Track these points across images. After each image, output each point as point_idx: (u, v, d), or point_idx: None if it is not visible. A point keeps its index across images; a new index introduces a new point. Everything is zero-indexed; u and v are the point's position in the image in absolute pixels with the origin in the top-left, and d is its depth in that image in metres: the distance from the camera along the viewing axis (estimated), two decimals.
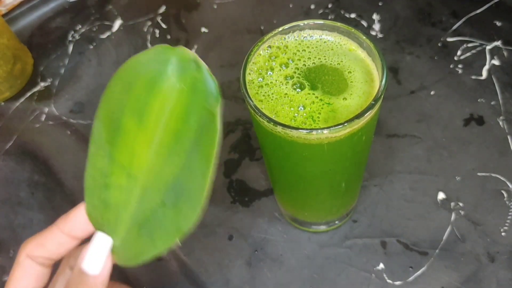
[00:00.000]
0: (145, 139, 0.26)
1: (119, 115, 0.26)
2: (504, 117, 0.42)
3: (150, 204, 0.26)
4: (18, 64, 0.48)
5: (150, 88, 0.26)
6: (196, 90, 0.26)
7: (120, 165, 0.27)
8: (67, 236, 0.27)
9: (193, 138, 0.25)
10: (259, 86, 0.28)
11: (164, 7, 0.55)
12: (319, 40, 0.30)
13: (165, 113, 0.26)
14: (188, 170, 0.26)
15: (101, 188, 0.27)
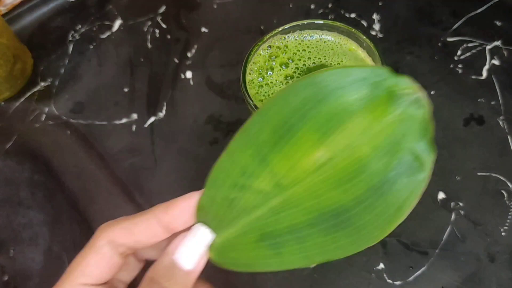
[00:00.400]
0: (319, 157, 0.23)
1: (298, 122, 0.23)
2: (504, 117, 0.42)
3: (291, 220, 0.24)
4: (18, 64, 0.48)
5: (353, 109, 0.23)
6: (407, 129, 0.22)
7: (272, 172, 0.24)
8: (163, 229, 0.25)
9: (384, 178, 0.22)
10: (259, 86, 0.28)
11: (164, 7, 0.55)
12: (319, 40, 0.30)
13: (359, 140, 0.23)
14: (365, 207, 0.23)
15: (234, 186, 0.24)
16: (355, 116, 0.23)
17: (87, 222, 0.41)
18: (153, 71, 0.50)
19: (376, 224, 0.23)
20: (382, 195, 0.22)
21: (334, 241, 0.23)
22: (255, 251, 0.25)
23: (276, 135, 0.24)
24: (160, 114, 0.47)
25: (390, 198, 0.22)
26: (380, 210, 0.23)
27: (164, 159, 0.44)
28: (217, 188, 0.25)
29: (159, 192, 0.42)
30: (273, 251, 0.24)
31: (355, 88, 0.23)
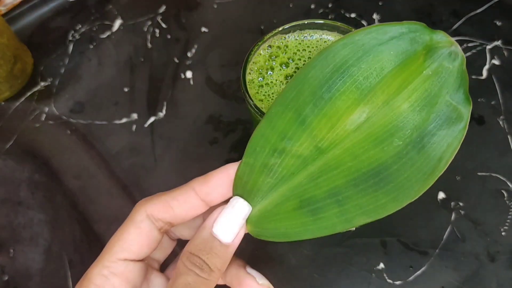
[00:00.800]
0: (358, 116, 0.23)
1: (338, 81, 0.23)
2: (504, 116, 0.42)
3: (330, 183, 0.24)
4: (18, 64, 0.48)
5: (391, 65, 0.23)
6: (444, 82, 0.23)
7: (312, 134, 0.24)
8: (201, 201, 0.25)
9: (423, 131, 0.23)
10: (260, 86, 0.28)
11: (164, 6, 0.55)
12: (320, 39, 0.30)
13: (397, 95, 0.23)
14: (405, 162, 0.23)
15: (272, 151, 0.24)
16: (393, 72, 0.23)
17: (87, 221, 0.41)
18: (153, 71, 0.50)
19: (416, 178, 0.23)
20: (422, 148, 0.23)
21: (375, 200, 0.23)
22: (295, 219, 0.24)
23: (316, 96, 0.24)
24: (160, 114, 0.47)
25: (430, 150, 0.23)
26: (420, 163, 0.23)
27: (164, 159, 0.44)
28: (256, 155, 0.24)
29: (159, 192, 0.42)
30: (313, 217, 0.24)
31: (393, 44, 0.23)
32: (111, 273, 0.24)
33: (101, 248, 0.27)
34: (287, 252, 0.37)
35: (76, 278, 0.38)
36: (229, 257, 0.24)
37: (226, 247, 0.24)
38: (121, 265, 0.24)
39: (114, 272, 0.24)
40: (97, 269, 0.24)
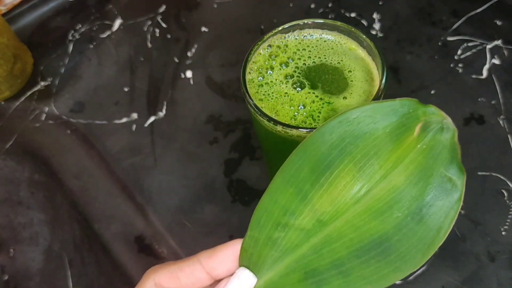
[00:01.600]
0: (358, 190, 0.24)
1: (337, 158, 0.25)
2: (505, 116, 0.42)
3: (333, 255, 0.24)
4: (18, 64, 0.48)
5: (387, 141, 0.24)
6: (438, 154, 0.24)
7: (313, 208, 0.25)
8: (207, 274, 0.26)
9: (421, 203, 0.24)
10: (259, 85, 0.28)
11: (164, 6, 0.55)
12: (319, 39, 0.30)
13: (394, 169, 0.24)
14: (405, 233, 0.24)
15: (276, 225, 0.25)
16: (389, 148, 0.24)
17: (87, 221, 0.41)
18: (153, 70, 0.50)
19: (417, 249, 0.23)
20: (421, 219, 0.23)
21: (378, 271, 0.24)
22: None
23: (315, 172, 0.25)
24: (160, 113, 0.47)
25: (429, 221, 0.23)
26: (420, 234, 0.23)
27: (164, 158, 0.44)
28: (260, 229, 0.25)
29: (159, 192, 0.42)
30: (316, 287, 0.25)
31: (387, 121, 0.24)
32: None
33: (101, 247, 0.28)
34: None
35: (76, 277, 0.38)
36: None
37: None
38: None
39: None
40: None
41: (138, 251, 0.39)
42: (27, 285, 0.38)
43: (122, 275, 0.38)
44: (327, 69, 0.28)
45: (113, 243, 0.40)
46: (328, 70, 0.28)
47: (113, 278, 0.38)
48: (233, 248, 0.26)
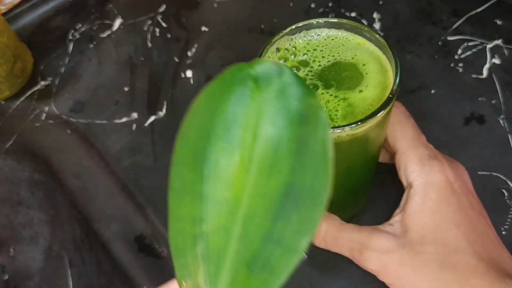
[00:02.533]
0: (240, 160, 0.24)
1: (204, 149, 0.24)
2: (505, 116, 0.42)
3: (258, 233, 0.24)
4: (18, 63, 0.48)
5: (233, 108, 0.24)
6: (283, 94, 0.24)
7: (216, 201, 0.24)
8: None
9: (298, 139, 0.24)
10: None
11: (164, 6, 0.55)
12: (327, 37, 0.30)
13: (259, 125, 0.24)
14: (300, 172, 0.24)
15: (194, 239, 0.24)
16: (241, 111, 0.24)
17: (87, 221, 0.41)
18: (153, 70, 0.50)
19: (317, 175, 0.23)
20: (307, 151, 0.23)
21: (301, 219, 0.23)
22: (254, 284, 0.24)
23: (196, 168, 0.24)
24: (160, 113, 0.47)
25: (313, 148, 0.23)
26: (312, 161, 0.23)
27: (164, 158, 0.44)
28: (182, 255, 0.24)
29: (159, 191, 0.42)
30: (265, 271, 0.24)
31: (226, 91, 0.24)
32: None
33: (101, 247, 0.28)
34: None
35: (76, 277, 0.38)
36: None
37: None
38: None
39: None
40: None
41: (138, 250, 0.39)
42: (27, 284, 0.38)
43: (122, 275, 0.38)
44: (343, 65, 0.28)
45: (113, 242, 0.40)
46: (343, 67, 0.28)
47: (113, 277, 0.38)
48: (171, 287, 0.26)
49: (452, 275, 0.26)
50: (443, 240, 0.27)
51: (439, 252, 0.27)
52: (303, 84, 0.24)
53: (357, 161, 0.29)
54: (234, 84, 0.24)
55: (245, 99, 0.24)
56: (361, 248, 0.28)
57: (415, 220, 0.28)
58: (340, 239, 0.30)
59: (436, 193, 0.28)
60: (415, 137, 0.31)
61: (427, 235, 0.27)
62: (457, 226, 0.27)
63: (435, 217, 0.27)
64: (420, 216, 0.28)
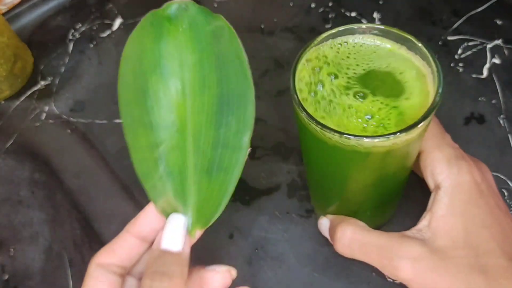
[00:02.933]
0: (175, 87, 0.28)
1: (143, 85, 0.28)
2: (505, 115, 0.42)
3: (207, 143, 0.28)
4: (18, 63, 0.48)
5: (158, 46, 0.29)
6: (194, 24, 0.29)
7: (165, 126, 0.28)
8: (136, 238, 0.28)
9: (215, 54, 0.28)
10: (316, 102, 0.26)
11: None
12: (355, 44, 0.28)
13: (179, 58, 0.29)
14: (225, 83, 0.28)
15: (155, 163, 0.28)
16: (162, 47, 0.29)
17: (88, 220, 0.41)
18: None
19: (239, 77, 0.28)
20: (224, 63, 0.28)
21: (238, 120, 0.28)
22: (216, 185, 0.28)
23: (142, 107, 0.28)
24: None
25: (228, 58, 0.28)
26: (232, 68, 0.28)
27: None
28: (149, 178, 0.29)
29: None
30: (223, 172, 0.28)
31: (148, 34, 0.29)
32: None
33: (101, 246, 0.28)
34: (287, 251, 0.37)
35: (77, 277, 0.38)
36: (185, 263, 0.27)
37: (179, 255, 0.26)
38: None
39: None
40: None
41: None
42: (27, 284, 0.38)
43: None
44: (379, 74, 0.27)
45: None
46: (380, 76, 0.27)
47: None
48: (148, 209, 0.28)
49: (483, 278, 0.25)
50: (473, 243, 0.26)
51: (470, 255, 0.26)
52: (207, 12, 0.29)
53: (396, 170, 0.29)
54: (153, 27, 0.29)
55: (164, 37, 0.29)
56: (391, 256, 0.27)
57: (444, 223, 0.27)
58: (368, 246, 0.29)
59: (464, 194, 0.28)
60: (440, 137, 0.30)
61: (457, 239, 0.27)
62: (486, 228, 0.27)
63: (464, 220, 0.27)
64: (449, 218, 0.27)
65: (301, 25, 0.51)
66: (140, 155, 0.29)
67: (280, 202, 0.40)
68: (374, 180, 0.29)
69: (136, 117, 0.29)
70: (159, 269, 0.26)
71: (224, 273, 0.28)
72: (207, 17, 0.29)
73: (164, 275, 0.25)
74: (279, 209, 0.39)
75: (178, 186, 0.28)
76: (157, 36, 0.29)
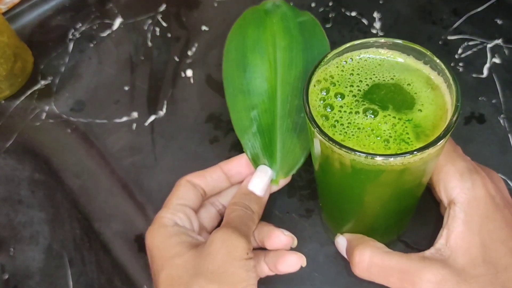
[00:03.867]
0: (269, 63, 0.37)
1: (243, 60, 0.37)
2: (505, 115, 0.42)
3: (292, 109, 0.35)
4: (18, 62, 0.48)
5: (256, 31, 0.38)
6: (284, 17, 0.39)
7: (259, 93, 0.36)
8: (225, 175, 0.34)
9: (301, 40, 0.38)
10: (331, 126, 0.26)
11: (164, 5, 0.55)
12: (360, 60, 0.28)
13: (273, 41, 0.38)
14: (309, 64, 0.36)
15: (250, 121, 0.36)
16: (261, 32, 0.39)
17: (88, 220, 0.41)
18: (153, 69, 0.50)
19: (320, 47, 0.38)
20: (312, 48, 0.38)
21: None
22: (297, 141, 0.35)
23: (241, 75, 0.37)
24: (161, 112, 0.47)
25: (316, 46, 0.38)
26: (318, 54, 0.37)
27: (165, 157, 0.44)
28: (245, 134, 0.36)
29: (159, 190, 0.42)
30: (302, 131, 0.35)
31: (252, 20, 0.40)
32: (175, 211, 0.32)
33: (102, 246, 0.28)
34: None
35: (76, 276, 0.38)
36: (262, 205, 0.34)
37: (260, 198, 0.33)
38: (180, 208, 0.32)
39: (176, 210, 0.32)
40: (163, 213, 0.32)
41: (138, 250, 0.39)
42: (27, 284, 0.38)
43: (122, 274, 0.38)
44: (385, 87, 0.27)
45: (113, 242, 0.40)
46: (386, 88, 0.27)
47: (113, 277, 0.38)
48: (243, 157, 0.35)
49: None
50: (492, 259, 0.26)
51: (490, 272, 0.26)
52: (295, 9, 0.39)
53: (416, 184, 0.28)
54: (253, 18, 0.39)
55: (261, 24, 0.39)
56: (413, 280, 0.27)
57: (462, 241, 0.27)
58: (388, 270, 0.28)
59: (480, 209, 0.27)
60: (451, 150, 0.30)
61: (476, 256, 0.27)
62: (503, 242, 0.27)
63: (482, 235, 0.27)
64: (467, 235, 0.27)
65: None
66: (238, 115, 0.36)
67: (280, 202, 0.40)
68: (393, 195, 0.28)
69: (236, 85, 0.37)
70: (244, 202, 0.32)
71: (288, 237, 0.33)
72: (295, 13, 0.39)
73: (246, 208, 0.32)
74: (279, 208, 0.39)
75: (267, 142, 0.35)
76: (256, 25, 0.38)
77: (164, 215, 0.32)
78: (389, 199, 0.29)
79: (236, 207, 0.32)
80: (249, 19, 0.39)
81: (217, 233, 0.29)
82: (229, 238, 0.29)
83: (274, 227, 0.33)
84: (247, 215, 0.32)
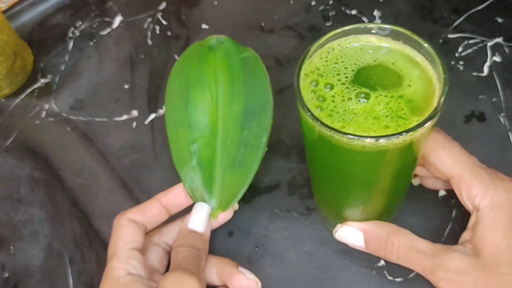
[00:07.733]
0: (211, 97, 0.37)
1: (185, 94, 0.37)
2: (505, 113, 0.42)
3: (233, 143, 0.36)
4: (18, 61, 0.48)
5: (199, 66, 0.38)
6: (228, 53, 0.39)
7: (200, 127, 0.36)
8: (163, 208, 0.34)
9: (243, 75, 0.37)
10: (328, 116, 0.26)
11: (164, 3, 0.55)
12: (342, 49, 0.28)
13: (215, 76, 0.38)
14: (250, 97, 0.37)
15: (190, 155, 0.36)
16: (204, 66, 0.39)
17: (88, 218, 0.41)
18: (153, 67, 0.50)
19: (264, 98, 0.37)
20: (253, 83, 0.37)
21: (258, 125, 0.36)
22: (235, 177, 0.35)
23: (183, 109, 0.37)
24: (161, 111, 0.47)
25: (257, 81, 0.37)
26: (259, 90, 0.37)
27: (164, 155, 0.44)
28: (183, 166, 0.36)
29: (159, 189, 0.41)
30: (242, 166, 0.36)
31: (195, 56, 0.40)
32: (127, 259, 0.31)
33: (102, 245, 0.28)
34: (287, 249, 0.37)
35: (77, 274, 0.38)
36: (206, 241, 0.34)
37: (202, 235, 0.33)
38: (131, 254, 0.31)
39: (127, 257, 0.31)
40: (115, 263, 0.31)
41: None
42: (28, 282, 0.38)
43: None
44: (371, 70, 0.27)
45: None
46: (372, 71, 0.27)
47: None
48: (179, 187, 0.35)
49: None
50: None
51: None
52: (238, 45, 0.39)
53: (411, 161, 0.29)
54: (197, 52, 0.39)
55: (205, 59, 0.39)
56: (434, 267, 0.29)
57: (487, 242, 0.28)
58: (413, 255, 0.30)
59: (504, 213, 0.28)
60: (468, 161, 0.31)
61: (500, 256, 0.27)
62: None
63: (507, 238, 0.28)
64: (492, 237, 0.28)
65: (302, 23, 0.51)
66: (178, 147, 0.36)
67: (280, 200, 0.40)
68: (391, 173, 0.29)
69: (178, 117, 0.37)
70: (188, 242, 0.32)
71: (251, 281, 0.33)
72: (239, 48, 0.39)
73: (191, 247, 0.32)
74: (279, 207, 0.39)
75: (206, 176, 0.35)
76: (200, 59, 0.39)
77: (116, 266, 0.31)
78: (386, 178, 0.29)
79: (181, 248, 0.32)
80: (193, 54, 0.39)
81: (168, 276, 0.29)
82: (180, 279, 0.29)
83: (237, 269, 0.33)
84: (194, 254, 0.32)
